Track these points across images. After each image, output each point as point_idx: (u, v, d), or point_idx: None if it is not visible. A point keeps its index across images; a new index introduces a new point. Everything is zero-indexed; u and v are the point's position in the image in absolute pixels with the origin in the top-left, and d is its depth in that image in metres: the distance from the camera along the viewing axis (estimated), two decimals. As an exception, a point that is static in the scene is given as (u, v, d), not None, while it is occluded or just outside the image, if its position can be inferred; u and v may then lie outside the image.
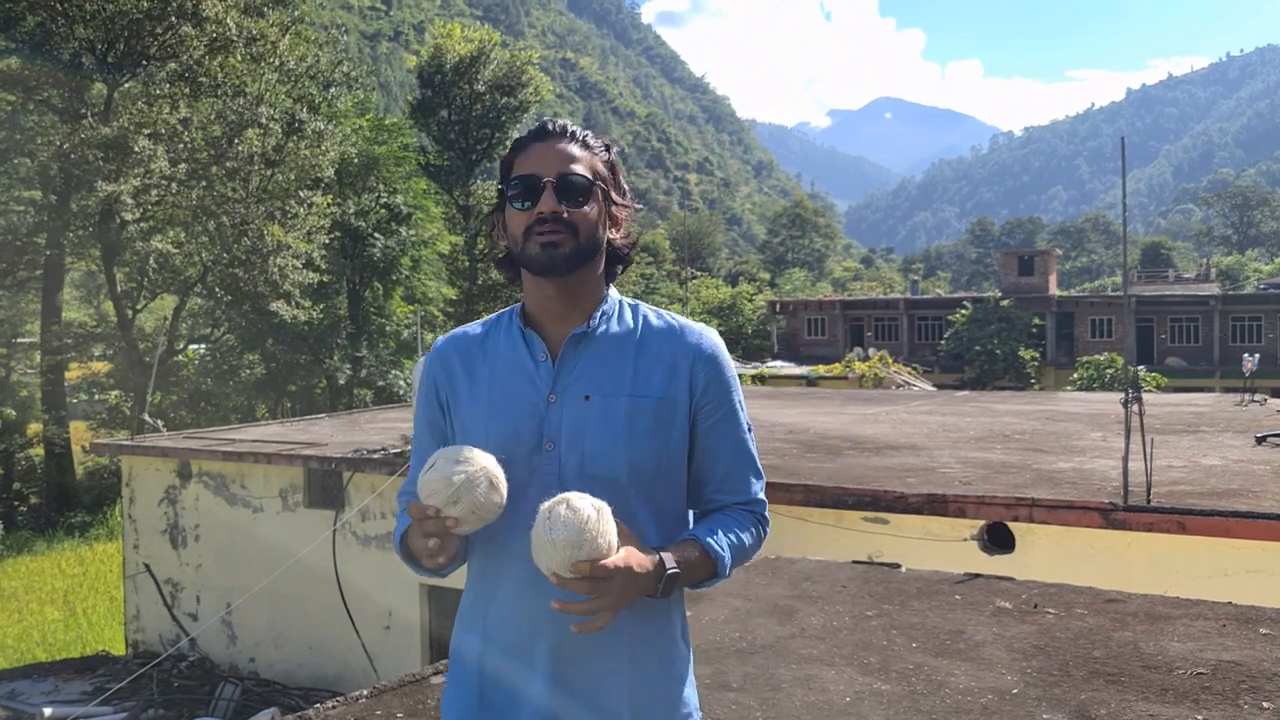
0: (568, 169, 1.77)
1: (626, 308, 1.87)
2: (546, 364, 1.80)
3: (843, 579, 5.39)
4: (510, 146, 1.87)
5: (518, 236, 1.78)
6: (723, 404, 1.85)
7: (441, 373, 1.89)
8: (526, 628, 1.75)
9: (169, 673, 12.07)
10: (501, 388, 1.81)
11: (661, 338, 1.83)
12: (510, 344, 1.84)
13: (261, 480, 12.12)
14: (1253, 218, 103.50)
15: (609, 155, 1.86)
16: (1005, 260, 49.13)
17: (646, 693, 1.78)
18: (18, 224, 26.10)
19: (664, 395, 1.79)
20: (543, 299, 1.82)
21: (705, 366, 1.83)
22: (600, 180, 1.82)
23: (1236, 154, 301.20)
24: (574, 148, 1.80)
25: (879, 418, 14.09)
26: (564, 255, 1.75)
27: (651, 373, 1.80)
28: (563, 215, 1.75)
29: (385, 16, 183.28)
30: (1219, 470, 8.62)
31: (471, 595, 1.84)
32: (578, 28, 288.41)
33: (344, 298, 32.08)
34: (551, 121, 1.84)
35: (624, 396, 1.77)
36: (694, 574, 1.74)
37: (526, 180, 1.77)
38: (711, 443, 1.84)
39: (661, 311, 1.89)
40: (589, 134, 1.85)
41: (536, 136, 1.82)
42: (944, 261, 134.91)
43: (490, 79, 39.81)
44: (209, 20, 25.56)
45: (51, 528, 24.36)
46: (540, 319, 1.84)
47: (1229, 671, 3.82)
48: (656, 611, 1.78)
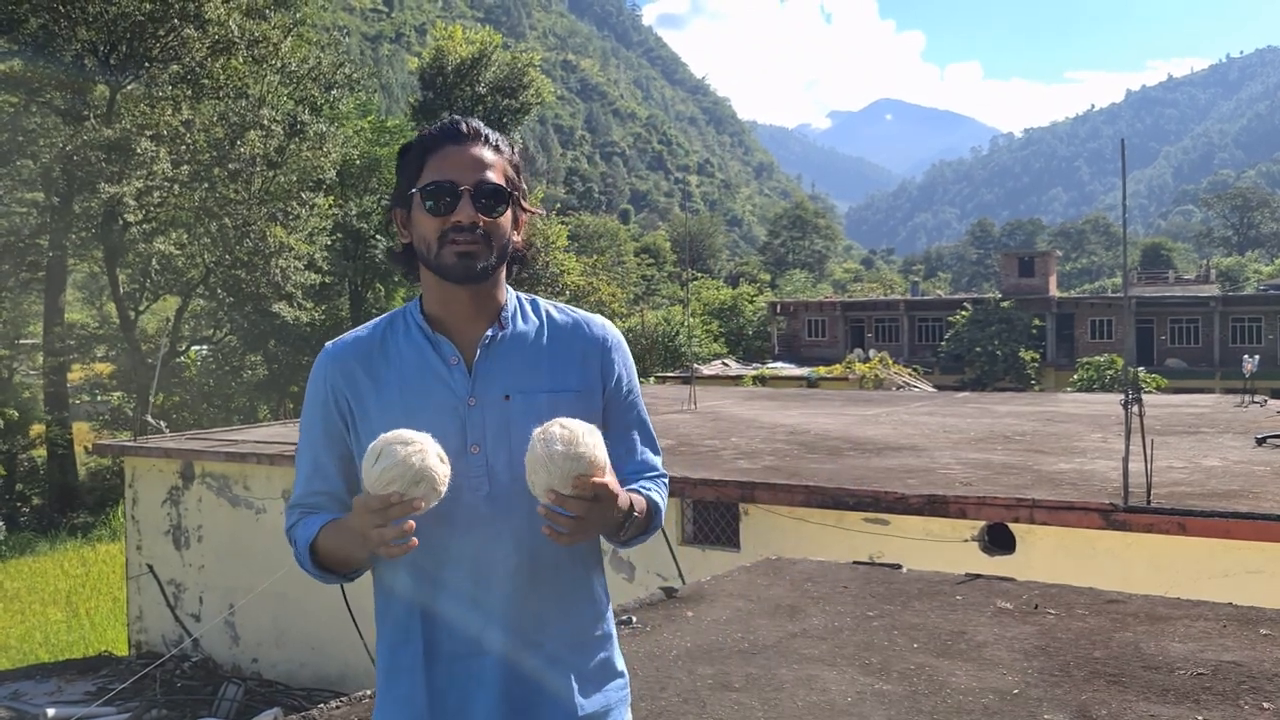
0: (485, 177, 1.76)
1: (527, 305, 1.89)
2: (460, 367, 1.79)
3: (844, 580, 5.41)
4: (417, 141, 1.83)
5: (430, 241, 1.76)
6: (629, 390, 1.92)
7: (341, 380, 1.83)
8: (476, 623, 1.76)
9: (172, 673, 12.09)
10: (414, 392, 1.79)
11: (568, 332, 1.87)
12: (415, 348, 1.82)
13: (264, 481, 12.14)
14: (1253, 219, 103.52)
15: (515, 155, 1.85)
16: (1005, 262, 49.15)
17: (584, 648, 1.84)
18: (20, 226, 26.13)
19: (580, 387, 1.84)
20: (450, 302, 1.81)
21: (610, 356, 1.89)
22: (514, 187, 1.81)
23: (1236, 155, 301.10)
24: (488, 152, 1.79)
25: (879, 419, 14.10)
26: (480, 266, 1.76)
27: (565, 367, 1.84)
28: (479, 225, 1.74)
29: (387, 18, 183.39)
30: (1219, 471, 8.63)
31: (400, 605, 1.82)
32: (579, 30, 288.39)
33: (346, 299, 32.14)
34: (464, 122, 1.81)
35: (543, 392, 1.80)
36: (641, 522, 1.81)
37: (442, 186, 1.75)
38: (623, 426, 1.90)
39: (561, 306, 1.92)
40: (499, 136, 1.84)
41: (451, 138, 1.79)
42: (944, 263, 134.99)
43: (492, 81, 39.87)
44: (211, 22, 25.62)
45: (54, 528, 24.38)
46: (446, 321, 1.82)
47: (1230, 672, 3.84)
48: (587, 579, 1.86)
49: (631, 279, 68.71)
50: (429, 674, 1.78)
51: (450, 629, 1.77)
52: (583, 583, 1.85)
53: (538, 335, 1.85)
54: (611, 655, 1.89)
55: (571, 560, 1.82)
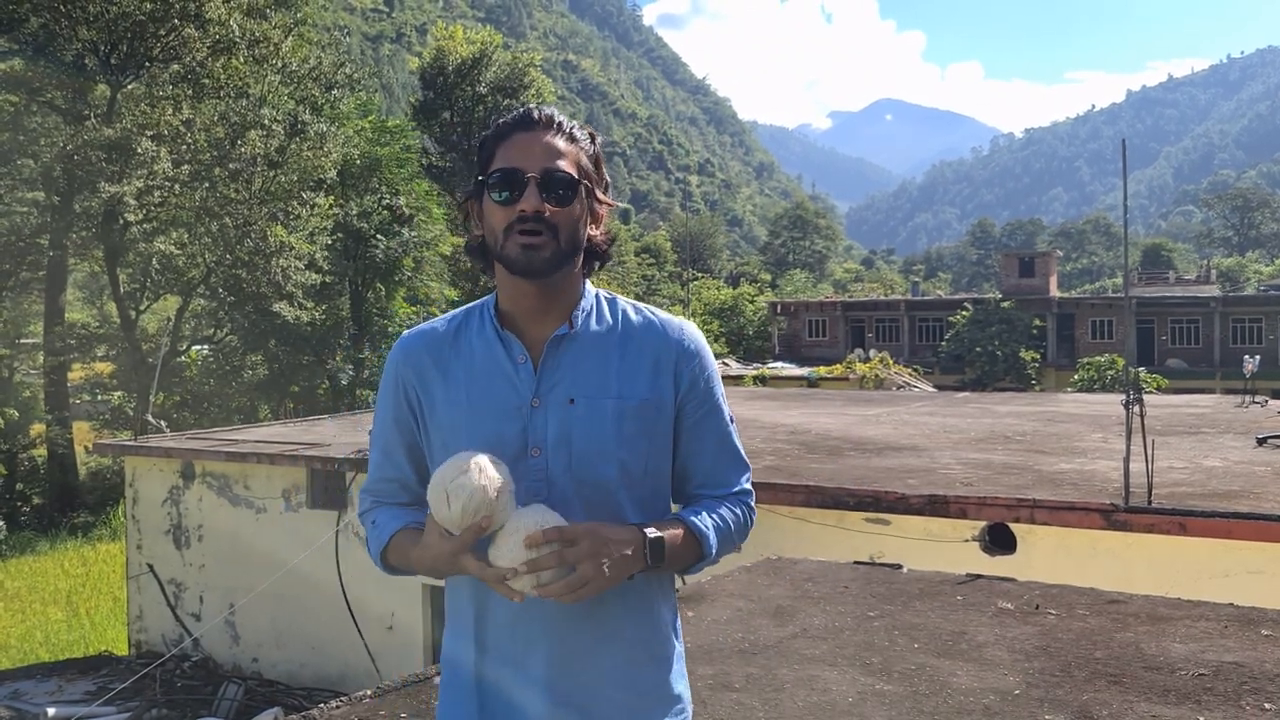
0: (553, 164, 1.69)
1: (604, 303, 1.81)
2: (526, 366, 1.73)
3: (844, 580, 5.41)
4: (492, 131, 1.77)
5: (497, 232, 1.71)
6: (706, 399, 1.81)
7: (411, 372, 1.80)
8: (522, 635, 1.71)
9: (172, 673, 12.10)
10: (481, 390, 1.74)
11: (642, 335, 1.78)
12: (485, 344, 1.77)
13: (264, 481, 12.14)
14: (1253, 219, 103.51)
15: (594, 148, 1.78)
16: (1006, 262, 49.15)
17: (641, 694, 1.75)
18: (21, 225, 26.12)
19: (649, 395, 1.74)
20: (519, 297, 1.75)
21: (688, 362, 1.79)
22: (586, 177, 1.74)
23: (1237, 155, 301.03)
24: (560, 140, 1.72)
25: (880, 419, 14.10)
26: (544, 258, 1.68)
27: (635, 372, 1.75)
28: (545, 214, 1.67)
29: (388, 18, 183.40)
30: (1220, 471, 8.63)
31: (461, 601, 1.79)
32: (579, 30, 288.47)
33: (346, 299, 32.11)
34: (537, 109, 1.74)
35: (609, 399, 1.72)
36: (680, 550, 1.71)
37: (508, 174, 1.69)
38: (696, 439, 1.81)
39: (640, 306, 1.83)
40: (575, 125, 1.76)
41: (521, 125, 1.73)
42: (945, 263, 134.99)
43: (492, 81, 39.91)
44: (212, 22, 25.63)
45: (54, 528, 24.39)
46: (516, 318, 1.77)
47: (1231, 673, 3.84)
48: (646, 610, 1.77)
49: (632, 279, 68.72)
50: (479, 672, 1.76)
51: (500, 631, 1.74)
52: (643, 599, 1.76)
53: (610, 336, 1.77)
54: (669, 677, 1.80)
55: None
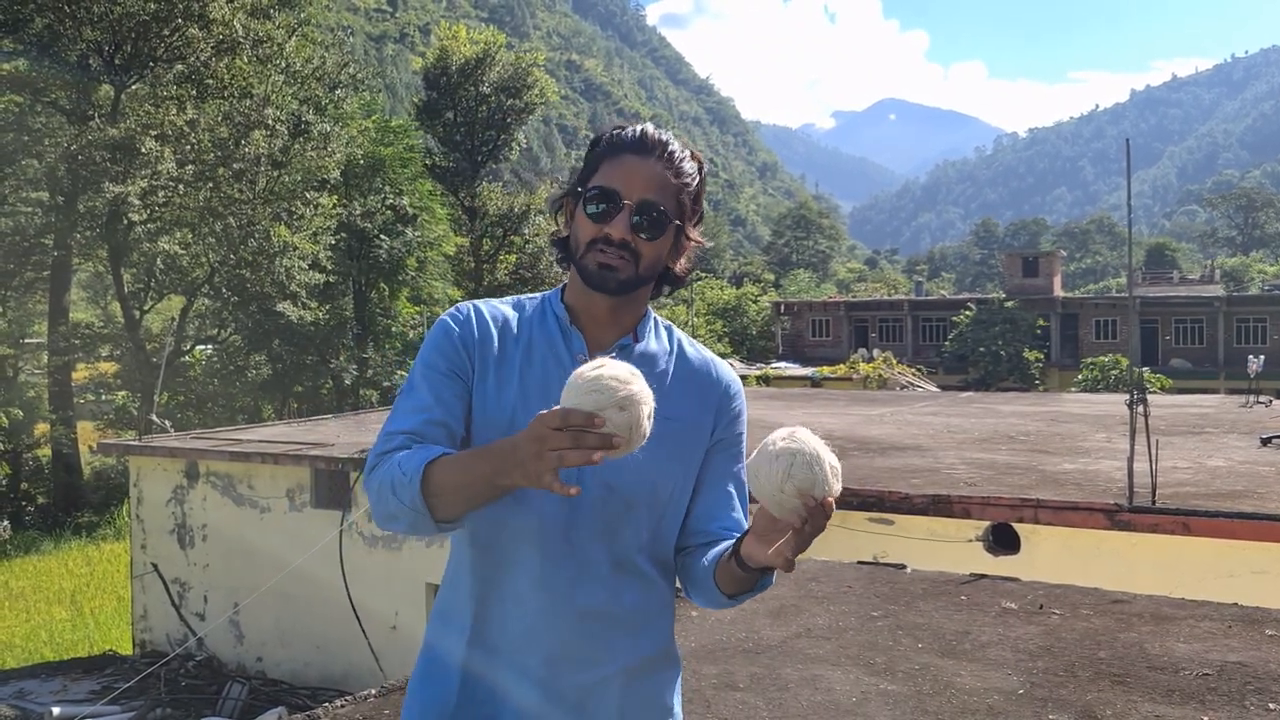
0: (652, 196, 1.70)
1: (663, 328, 1.84)
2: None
3: (848, 579, 5.41)
4: (606, 139, 1.77)
5: (581, 242, 1.73)
6: (735, 444, 1.84)
7: (476, 338, 1.76)
8: (522, 632, 1.71)
9: (176, 672, 12.11)
10: (534, 377, 1.74)
11: (694, 367, 1.81)
12: (546, 335, 1.77)
13: (268, 481, 12.15)
14: (1257, 219, 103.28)
15: (697, 181, 1.78)
16: (1009, 262, 49.12)
17: (636, 703, 1.76)
18: (25, 225, 26.16)
19: (691, 422, 1.77)
20: (588, 303, 1.77)
21: (729, 405, 1.82)
22: (680, 214, 1.75)
23: (1241, 155, 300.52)
24: (666, 171, 1.72)
25: (883, 419, 14.10)
26: (620, 280, 1.70)
27: (683, 398, 1.77)
28: (630, 243, 1.69)
29: (391, 19, 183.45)
30: (1224, 472, 8.63)
31: (458, 592, 1.77)
32: (583, 30, 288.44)
33: (350, 299, 32.15)
34: (655, 134, 1.74)
35: (657, 415, 1.70)
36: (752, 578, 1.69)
37: (607, 194, 1.70)
38: (720, 480, 1.82)
39: (693, 341, 1.87)
40: (686, 155, 1.76)
41: (633, 147, 1.73)
42: (948, 263, 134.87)
43: (495, 81, 39.89)
44: (216, 22, 25.65)
45: (59, 528, 24.42)
46: (581, 319, 1.78)
47: (1235, 673, 3.84)
48: (652, 623, 1.78)
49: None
50: (464, 667, 1.74)
51: (500, 626, 1.72)
52: (650, 608, 1.78)
53: (665, 360, 1.80)
54: (668, 690, 1.81)
55: (645, 586, 1.76)
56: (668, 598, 1.83)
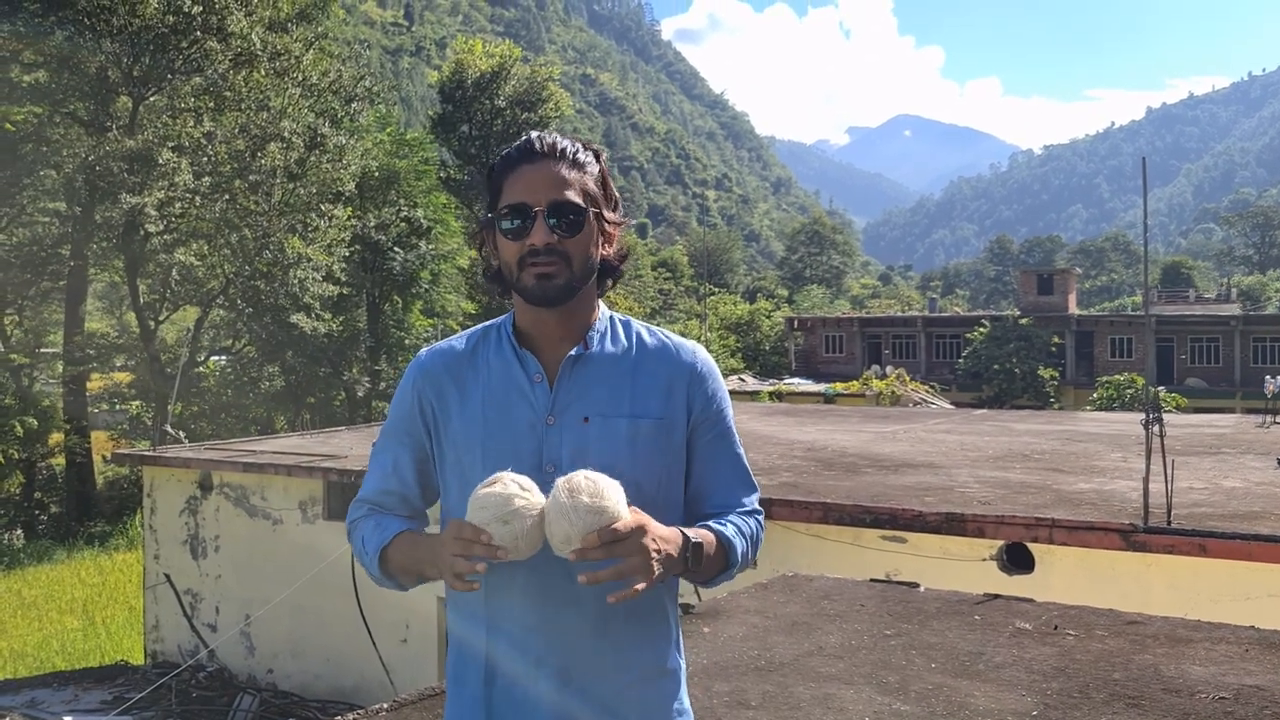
0: (560, 196, 1.72)
1: (619, 325, 1.85)
2: (542, 385, 1.77)
3: (861, 597, 5.38)
4: (497, 163, 1.79)
5: (511, 265, 1.74)
6: (719, 422, 1.85)
7: (429, 389, 1.83)
8: (533, 650, 1.74)
9: (187, 683, 12.12)
10: (497, 407, 1.77)
11: (656, 357, 1.82)
12: (502, 362, 1.80)
13: (281, 492, 12.18)
14: (1274, 238, 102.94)
15: (599, 167, 1.80)
16: (1024, 279, 49.01)
17: (651, 706, 1.79)
18: (42, 235, 26.38)
19: (662, 415, 1.78)
20: (536, 322, 1.79)
21: (700, 385, 1.82)
22: (593, 202, 1.76)
23: (1258, 173, 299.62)
24: (564, 169, 1.74)
25: (897, 436, 14.06)
26: (559, 287, 1.72)
27: (649, 393, 1.79)
28: (556, 246, 1.71)
29: (407, 33, 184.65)
30: (1240, 492, 8.57)
31: (465, 617, 1.82)
32: (598, 44, 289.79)
33: (363, 310, 32.27)
34: (540, 139, 1.76)
35: (623, 418, 1.76)
36: (712, 558, 1.73)
37: (517, 209, 1.72)
38: (708, 461, 1.84)
39: (653, 329, 1.87)
40: (579, 149, 1.78)
41: (524, 157, 1.75)
42: (962, 279, 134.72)
43: (511, 94, 40.12)
44: (234, 35, 25.87)
45: (72, 537, 24.52)
46: (534, 339, 1.80)
47: (1252, 696, 3.80)
48: (658, 627, 1.81)
49: (648, 293, 68.75)
50: (488, 693, 1.77)
51: (509, 649, 1.75)
52: (652, 620, 1.81)
53: (624, 357, 1.81)
54: (678, 691, 1.84)
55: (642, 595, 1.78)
56: (674, 594, 1.86)
